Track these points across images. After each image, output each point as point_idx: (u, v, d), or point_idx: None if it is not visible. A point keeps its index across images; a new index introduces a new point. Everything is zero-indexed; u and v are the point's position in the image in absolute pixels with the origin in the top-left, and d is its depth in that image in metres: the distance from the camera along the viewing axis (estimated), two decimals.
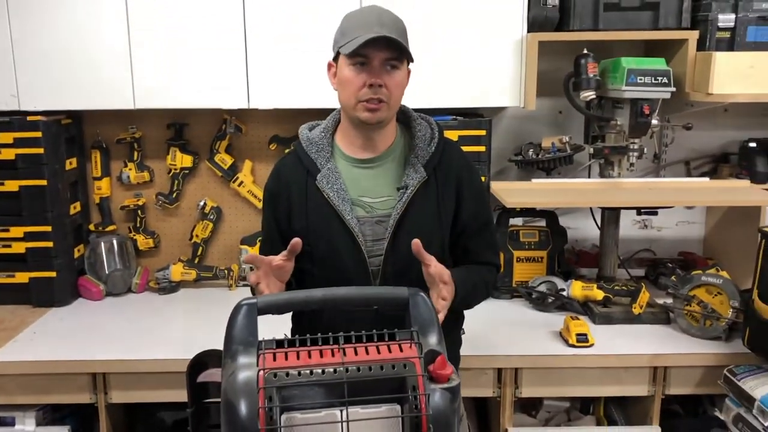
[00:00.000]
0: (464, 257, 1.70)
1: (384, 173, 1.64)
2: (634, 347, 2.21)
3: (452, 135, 2.48)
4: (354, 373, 1.08)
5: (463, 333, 1.85)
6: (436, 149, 1.65)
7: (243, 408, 1.06)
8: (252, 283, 1.51)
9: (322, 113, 2.71)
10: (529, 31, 2.44)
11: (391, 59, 1.53)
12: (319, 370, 1.08)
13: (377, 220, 1.62)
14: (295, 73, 2.44)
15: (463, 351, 1.84)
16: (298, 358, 1.12)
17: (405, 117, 1.71)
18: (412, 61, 1.58)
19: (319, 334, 1.14)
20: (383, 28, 1.50)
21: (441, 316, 1.42)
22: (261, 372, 1.07)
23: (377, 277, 1.61)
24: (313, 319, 1.55)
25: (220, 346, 1.22)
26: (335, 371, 1.08)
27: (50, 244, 2.57)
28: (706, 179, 2.70)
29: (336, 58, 1.59)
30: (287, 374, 1.07)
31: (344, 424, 1.05)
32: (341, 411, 1.06)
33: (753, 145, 2.69)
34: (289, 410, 1.07)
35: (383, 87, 1.53)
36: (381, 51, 1.52)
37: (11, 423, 2.23)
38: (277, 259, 1.49)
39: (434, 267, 1.47)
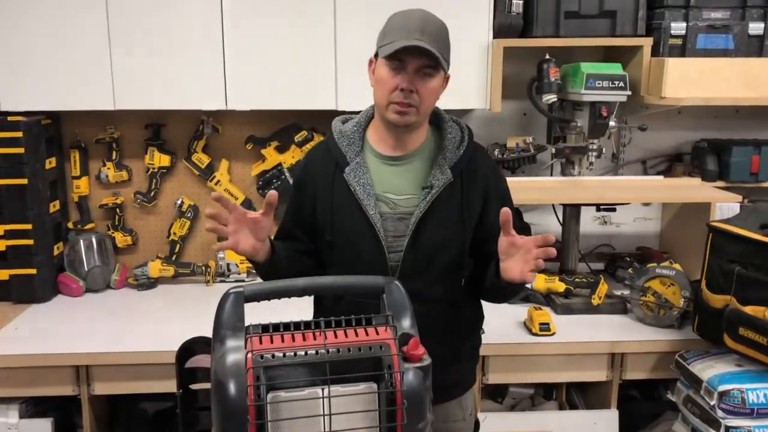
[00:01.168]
0: (489, 262, 1.64)
1: (410, 171, 1.66)
2: (593, 335, 2.34)
3: None
4: (335, 354, 1.16)
5: (483, 332, 1.90)
6: (465, 152, 1.66)
7: (232, 387, 1.14)
8: (230, 246, 1.52)
9: (297, 115, 2.82)
10: (494, 38, 2.56)
11: (427, 67, 1.55)
12: (303, 352, 1.16)
13: (399, 217, 1.64)
14: (272, 76, 2.52)
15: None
16: (282, 341, 1.20)
17: (437, 119, 1.72)
18: (449, 67, 1.62)
19: (301, 320, 1.23)
20: (423, 36, 1.52)
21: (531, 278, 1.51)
22: (249, 354, 1.15)
23: (395, 273, 1.62)
24: (335, 303, 1.60)
25: (205, 335, 1.32)
26: (317, 353, 1.16)
27: (30, 241, 2.61)
28: (661, 177, 2.85)
29: (377, 56, 1.61)
30: (273, 356, 1.15)
31: (326, 401, 1.14)
32: (323, 389, 1.14)
33: (704, 145, 2.86)
34: (275, 389, 1.14)
35: (415, 93, 1.55)
36: (417, 58, 1.53)
37: None
38: (255, 213, 1.51)
39: (518, 238, 1.50)
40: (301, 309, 1.53)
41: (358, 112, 1.75)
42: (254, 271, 1.70)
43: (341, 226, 1.65)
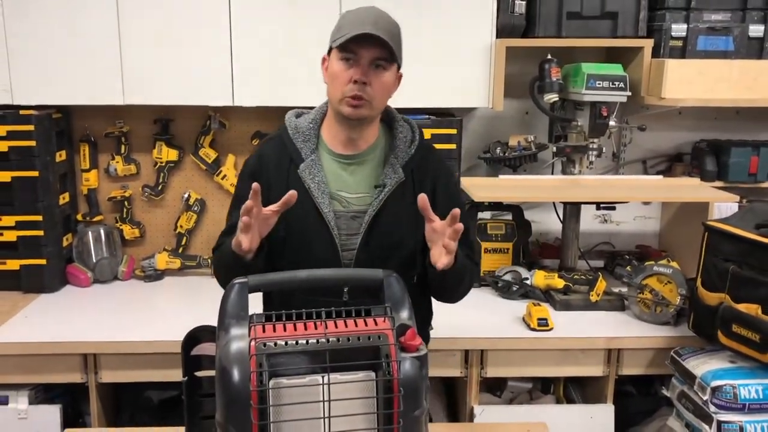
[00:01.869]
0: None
1: (363, 170, 1.69)
2: (590, 331, 2.38)
3: (425, 133, 2.61)
4: (334, 343, 1.20)
5: (432, 329, 1.91)
6: (416, 151, 1.69)
7: (236, 373, 1.18)
8: (245, 247, 1.49)
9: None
10: (497, 37, 2.60)
11: (380, 59, 1.57)
12: (304, 340, 1.20)
13: (353, 216, 1.66)
14: (278, 72, 2.57)
15: (433, 334, 1.95)
16: (285, 329, 1.25)
17: (388, 118, 1.74)
18: (401, 65, 1.64)
19: (303, 310, 1.28)
20: (376, 28, 1.53)
21: (446, 260, 1.49)
22: (252, 341, 1.20)
23: None
24: (283, 303, 1.53)
25: (210, 324, 1.36)
26: (318, 341, 1.20)
27: (41, 232, 2.67)
28: (660, 177, 2.88)
29: (330, 53, 1.63)
30: (275, 344, 1.20)
31: (325, 388, 1.18)
32: (323, 376, 1.18)
33: (703, 145, 2.89)
34: (277, 375, 1.19)
35: (368, 85, 1.57)
36: (370, 50, 1.55)
37: (4, 402, 2.32)
38: (270, 208, 1.49)
39: (437, 222, 1.51)
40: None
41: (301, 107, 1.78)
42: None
43: (295, 223, 1.65)
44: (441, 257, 1.51)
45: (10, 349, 2.26)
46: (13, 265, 2.68)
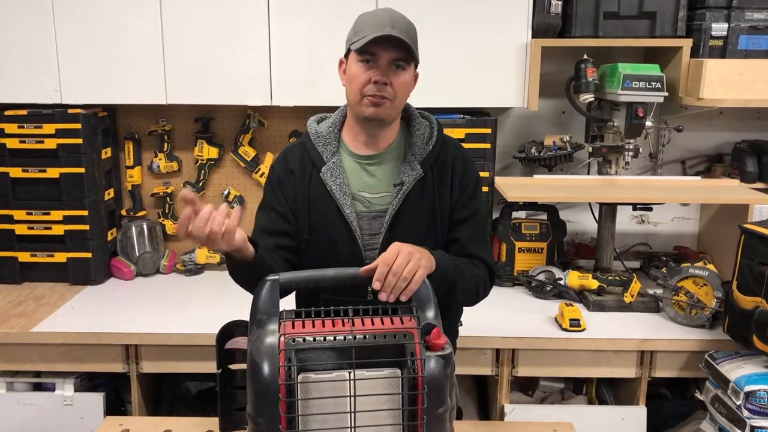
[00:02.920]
0: (455, 251, 1.69)
1: (383, 170, 1.69)
2: (623, 332, 2.36)
3: (460, 133, 2.66)
4: (361, 341, 1.24)
5: (461, 325, 1.91)
6: (434, 147, 1.69)
7: (266, 367, 1.23)
8: (180, 233, 1.39)
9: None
10: (533, 37, 2.60)
11: (399, 59, 1.57)
12: (331, 337, 1.25)
13: (374, 215, 1.67)
14: (316, 73, 2.62)
15: (465, 332, 1.98)
16: (313, 326, 1.29)
17: (407, 115, 1.75)
18: (418, 64, 1.64)
19: (331, 308, 1.32)
20: (394, 29, 1.54)
21: (422, 275, 1.39)
22: (282, 337, 1.24)
23: None
24: (309, 302, 1.56)
25: (243, 319, 1.41)
26: (345, 338, 1.24)
27: (86, 227, 2.76)
28: (698, 178, 2.85)
29: (347, 55, 1.64)
30: (304, 340, 1.24)
31: (352, 383, 1.22)
32: (349, 372, 1.22)
33: (744, 146, 2.84)
34: (305, 370, 1.23)
35: (388, 85, 1.57)
36: (389, 50, 1.56)
37: (52, 388, 2.43)
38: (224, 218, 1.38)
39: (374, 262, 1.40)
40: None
41: (335, 108, 1.78)
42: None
43: (318, 225, 1.67)
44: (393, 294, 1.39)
45: (57, 338, 2.35)
46: (60, 257, 2.79)
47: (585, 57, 2.60)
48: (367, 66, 1.58)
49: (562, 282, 2.65)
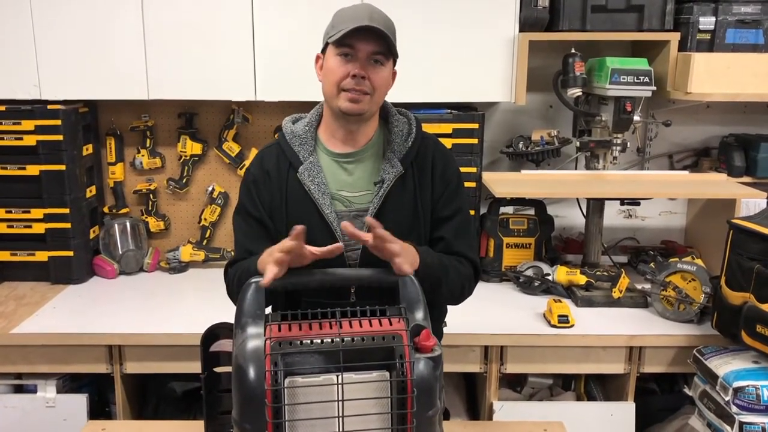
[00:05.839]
0: (440, 249, 1.66)
1: (362, 168, 1.66)
2: (612, 328, 2.36)
3: (447, 128, 2.64)
4: (349, 343, 1.22)
5: (445, 326, 1.87)
6: (413, 144, 1.66)
7: (252, 371, 1.21)
8: (272, 277, 1.36)
9: None
10: (520, 31, 2.58)
11: (377, 53, 1.55)
12: (318, 340, 1.22)
13: (355, 215, 1.63)
14: (300, 68, 2.57)
15: (453, 330, 1.97)
16: (300, 329, 1.26)
17: (385, 112, 1.71)
18: (397, 61, 1.62)
19: (318, 310, 1.29)
20: (373, 22, 1.51)
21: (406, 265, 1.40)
22: (267, 340, 1.21)
23: None
24: (289, 306, 1.49)
25: (228, 321, 1.38)
26: (332, 341, 1.22)
27: (68, 225, 2.71)
28: (685, 172, 2.84)
29: (324, 50, 1.61)
30: (290, 343, 1.21)
31: (339, 387, 1.19)
32: (337, 376, 1.20)
33: (731, 140, 2.83)
34: (292, 374, 1.20)
35: (367, 80, 1.55)
36: (368, 43, 1.53)
37: (33, 390, 2.38)
38: (310, 250, 1.39)
39: (368, 237, 1.40)
40: None
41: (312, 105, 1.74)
42: None
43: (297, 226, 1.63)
44: (402, 266, 1.40)
45: (39, 339, 2.31)
46: (41, 256, 2.74)
47: (573, 51, 2.59)
48: (345, 60, 1.55)
49: (550, 278, 2.64)
